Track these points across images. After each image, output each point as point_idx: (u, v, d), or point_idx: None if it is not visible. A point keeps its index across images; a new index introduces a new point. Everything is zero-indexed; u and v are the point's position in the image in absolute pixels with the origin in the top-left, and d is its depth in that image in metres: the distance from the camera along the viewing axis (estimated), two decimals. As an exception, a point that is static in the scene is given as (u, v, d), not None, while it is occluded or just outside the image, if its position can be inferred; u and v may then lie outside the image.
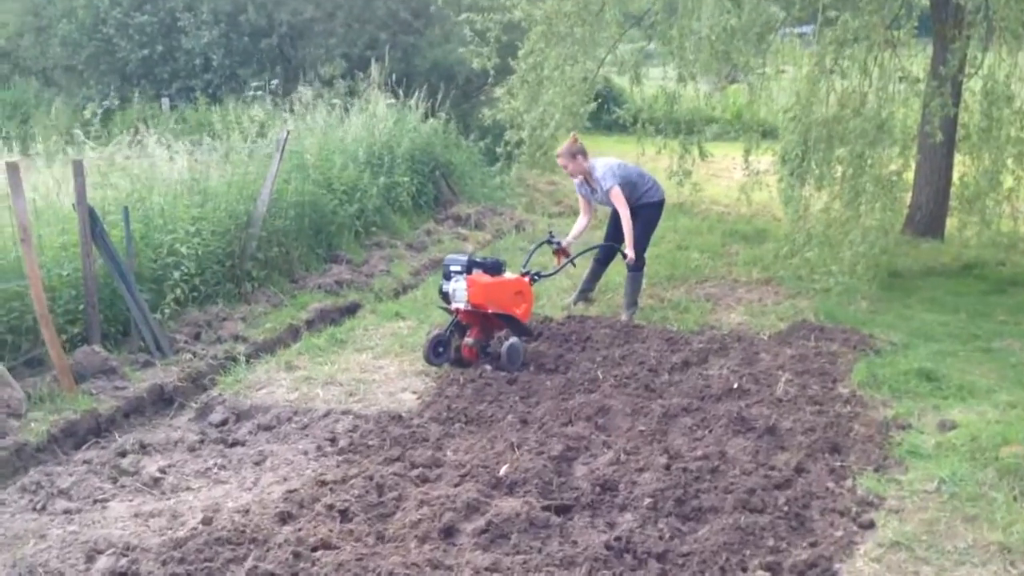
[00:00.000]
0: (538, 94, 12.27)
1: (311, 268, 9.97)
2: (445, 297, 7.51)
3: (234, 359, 7.53)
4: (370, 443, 5.84)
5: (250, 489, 5.28)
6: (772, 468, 5.44)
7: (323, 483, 5.19)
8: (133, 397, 6.72)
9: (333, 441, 5.94)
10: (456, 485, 5.20)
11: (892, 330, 8.14)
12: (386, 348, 7.89)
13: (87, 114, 16.73)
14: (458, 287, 7.33)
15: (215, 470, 5.54)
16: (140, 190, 8.49)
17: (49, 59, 19.85)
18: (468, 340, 7.44)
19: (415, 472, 5.36)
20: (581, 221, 8.93)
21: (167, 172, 9.21)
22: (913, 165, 11.62)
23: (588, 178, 8.63)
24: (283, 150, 9.13)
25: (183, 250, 7.97)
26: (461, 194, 14.59)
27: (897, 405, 6.37)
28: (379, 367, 7.48)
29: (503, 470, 5.33)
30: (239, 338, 7.98)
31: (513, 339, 7.45)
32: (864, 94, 9.33)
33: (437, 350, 7.36)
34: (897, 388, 6.65)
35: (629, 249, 8.42)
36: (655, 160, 12.64)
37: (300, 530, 4.68)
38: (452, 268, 7.48)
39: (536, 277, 8.01)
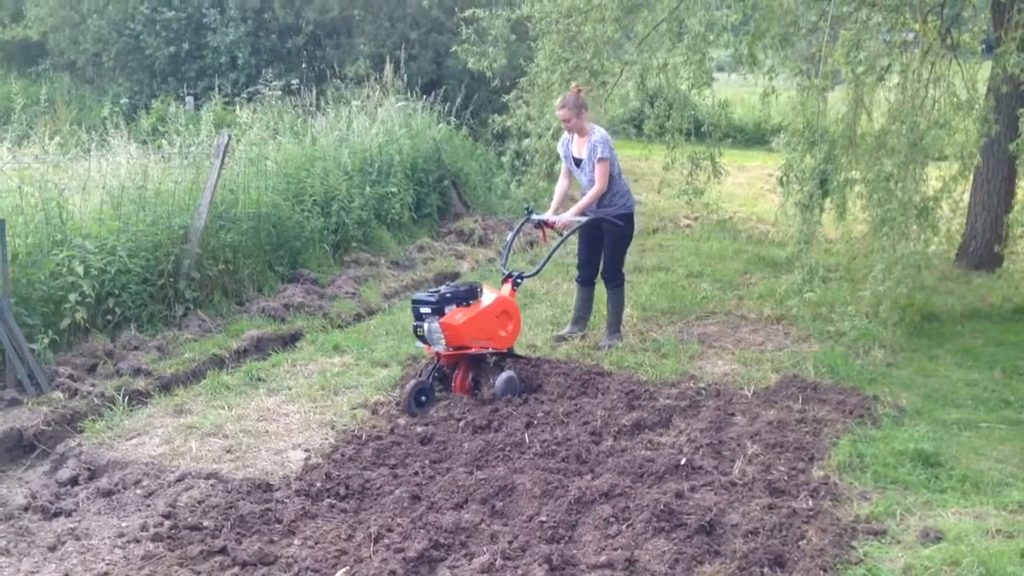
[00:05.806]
0: (549, 98, 11.13)
1: (265, 289, 8.94)
2: (422, 339, 6.58)
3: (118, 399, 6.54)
4: (203, 524, 4.76)
5: (9, 591, 4.24)
6: (688, 587, 4.22)
7: (96, 588, 4.12)
8: (-22, 444, 5.79)
9: (168, 517, 4.88)
10: (269, 596, 4.10)
11: (905, 390, 6.76)
12: (303, 390, 6.83)
13: (104, 112, 16.11)
14: (432, 328, 6.41)
15: (-7, 556, 4.53)
16: (56, 199, 7.57)
17: (81, 54, 19.36)
18: (459, 375, 6.72)
19: (227, 575, 4.26)
20: (562, 184, 7.95)
21: (107, 179, 8.33)
22: (968, 188, 10.16)
23: (580, 136, 7.63)
24: (223, 156, 8.13)
25: (79, 268, 7.00)
26: (475, 206, 13.48)
27: (878, 499, 5.03)
28: (283, 414, 6.42)
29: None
30: (142, 372, 6.99)
31: (509, 371, 6.65)
32: (915, 105, 7.91)
33: (419, 399, 6.46)
34: (884, 475, 5.30)
35: (570, 214, 7.53)
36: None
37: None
38: (422, 310, 6.56)
39: (520, 279, 7.17)
